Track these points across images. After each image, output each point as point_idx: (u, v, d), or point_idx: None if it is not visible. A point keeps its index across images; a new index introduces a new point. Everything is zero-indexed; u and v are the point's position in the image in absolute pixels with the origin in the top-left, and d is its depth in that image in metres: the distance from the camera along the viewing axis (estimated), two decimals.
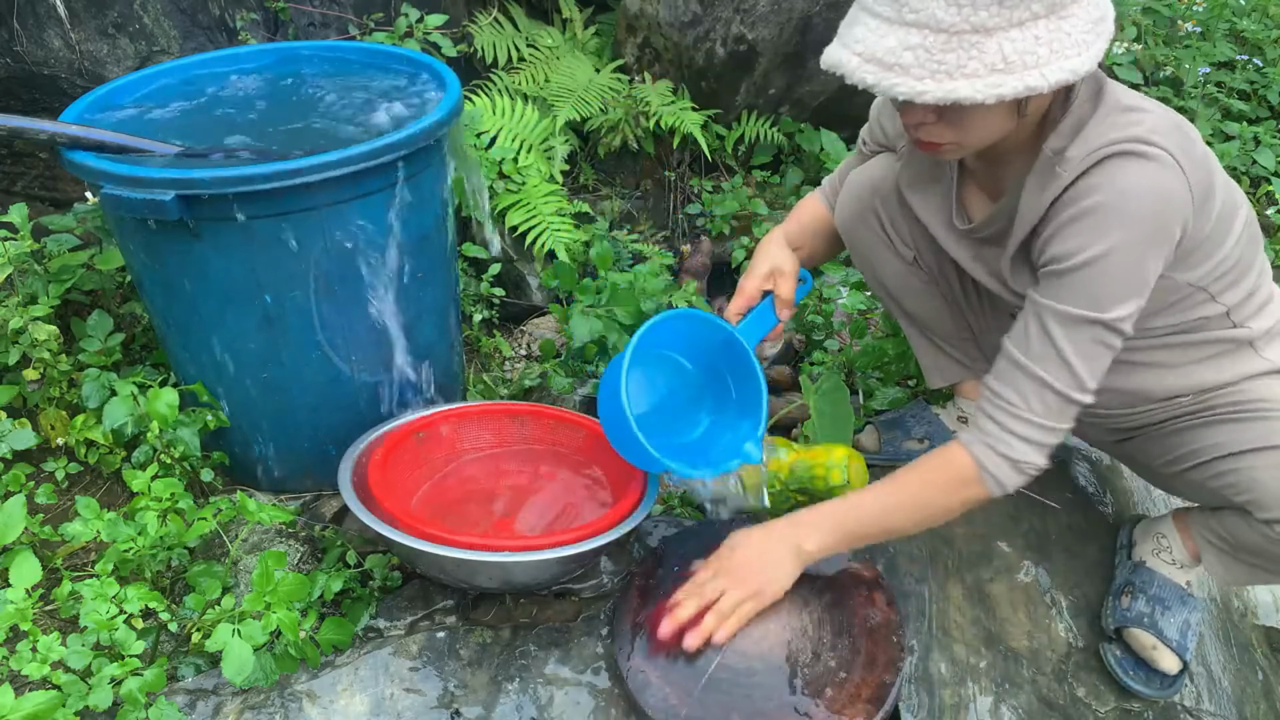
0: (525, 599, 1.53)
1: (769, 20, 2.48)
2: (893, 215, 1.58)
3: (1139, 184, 1.16)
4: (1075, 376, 1.23)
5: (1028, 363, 1.24)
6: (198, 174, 1.38)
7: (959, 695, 1.43)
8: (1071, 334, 1.21)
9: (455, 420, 1.68)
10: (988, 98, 1.07)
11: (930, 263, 1.60)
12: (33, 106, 2.16)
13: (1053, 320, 1.22)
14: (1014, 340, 1.27)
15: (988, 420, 1.28)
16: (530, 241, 2.31)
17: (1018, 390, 1.25)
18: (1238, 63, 3.26)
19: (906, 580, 1.59)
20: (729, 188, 2.64)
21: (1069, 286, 1.20)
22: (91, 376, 1.63)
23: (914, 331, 1.72)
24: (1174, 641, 1.46)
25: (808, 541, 1.36)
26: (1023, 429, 1.26)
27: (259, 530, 1.61)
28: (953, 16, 1.06)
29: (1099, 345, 1.22)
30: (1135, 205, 1.15)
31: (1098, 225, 1.17)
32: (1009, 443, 1.26)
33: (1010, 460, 1.27)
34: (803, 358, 2.16)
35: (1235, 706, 1.48)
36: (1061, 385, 1.23)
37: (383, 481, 1.49)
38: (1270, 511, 1.28)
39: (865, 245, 1.64)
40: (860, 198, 1.60)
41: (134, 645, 1.28)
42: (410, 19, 2.40)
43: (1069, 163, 1.20)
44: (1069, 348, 1.22)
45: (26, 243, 1.74)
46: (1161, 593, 1.50)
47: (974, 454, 1.29)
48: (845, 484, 1.59)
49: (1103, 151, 1.17)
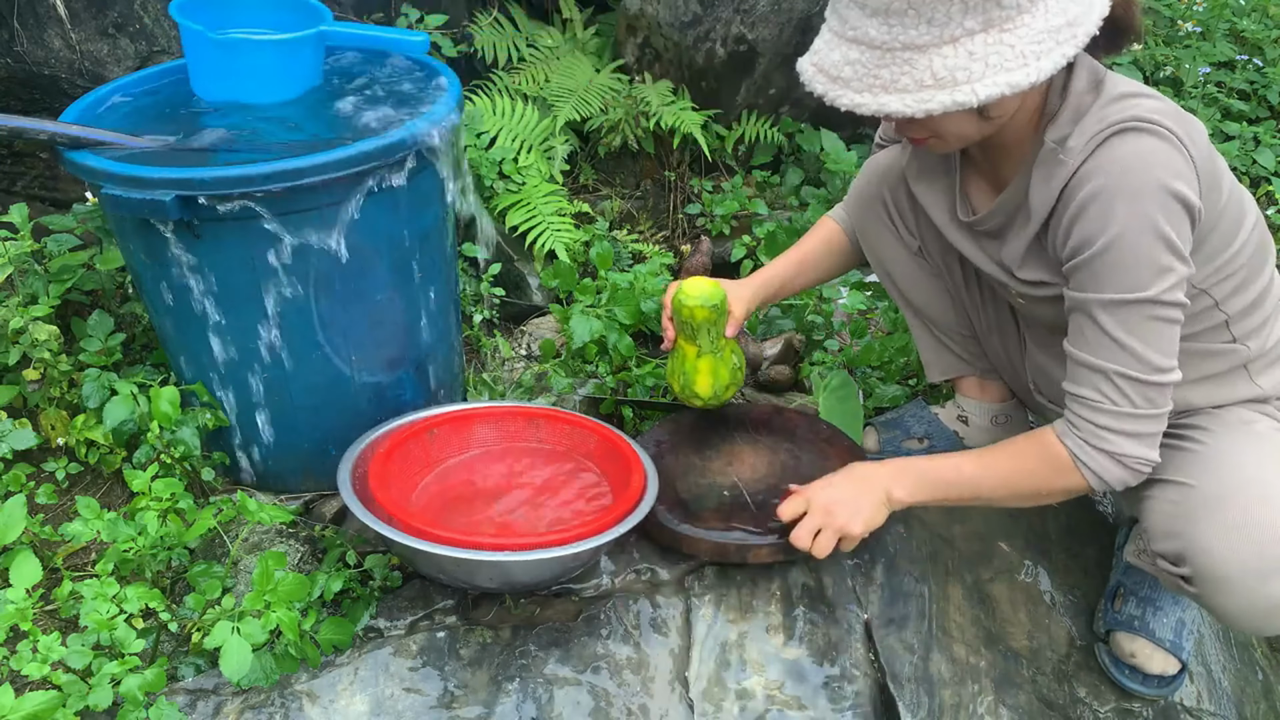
0: (525, 599, 1.53)
1: (769, 20, 2.48)
2: (899, 204, 1.60)
3: (1136, 155, 1.16)
4: (1140, 359, 1.20)
5: (1091, 359, 1.23)
6: (198, 174, 1.38)
7: (959, 695, 1.43)
8: (1122, 319, 1.20)
9: (454, 421, 1.68)
10: (916, 112, 1.11)
11: (934, 254, 1.61)
12: (33, 106, 2.16)
13: (1100, 311, 1.21)
14: (1072, 342, 1.26)
15: (1077, 417, 1.27)
16: (530, 241, 2.31)
17: (1094, 387, 1.24)
18: (1238, 63, 3.26)
19: (906, 580, 1.59)
20: (729, 188, 2.64)
21: (1100, 274, 1.19)
22: (91, 376, 1.63)
23: (917, 323, 1.73)
24: (1167, 642, 1.46)
25: (898, 490, 1.38)
26: (1113, 422, 1.24)
27: (259, 530, 1.61)
28: (884, 35, 1.10)
29: (1155, 322, 1.20)
30: (1135, 177, 1.15)
31: (1106, 206, 1.17)
32: (1104, 437, 1.25)
33: (1109, 454, 1.25)
34: (803, 358, 2.16)
35: (1235, 706, 1.48)
36: (1132, 371, 1.21)
37: (383, 482, 1.49)
38: (1154, 543, 1.30)
39: (873, 233, 1.65)
40: (870, 183, 1.63)
41: (134, 645, 1.28)
42: (410, 19, 2.40)
43: (1071, 151, 1.20)
44: (1124, 333, 1.20)
45: (26, 243, 1.74)
46: (1153, 593, 1.50)
47: (1067, 445, 1.27)
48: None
49: (1103, 134, 1.18)
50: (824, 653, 1.48)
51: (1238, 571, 1.21)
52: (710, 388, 1.67)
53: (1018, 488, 1.33)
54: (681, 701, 1.41)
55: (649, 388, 1.97)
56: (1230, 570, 1.21)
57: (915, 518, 1.70)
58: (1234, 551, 1.20)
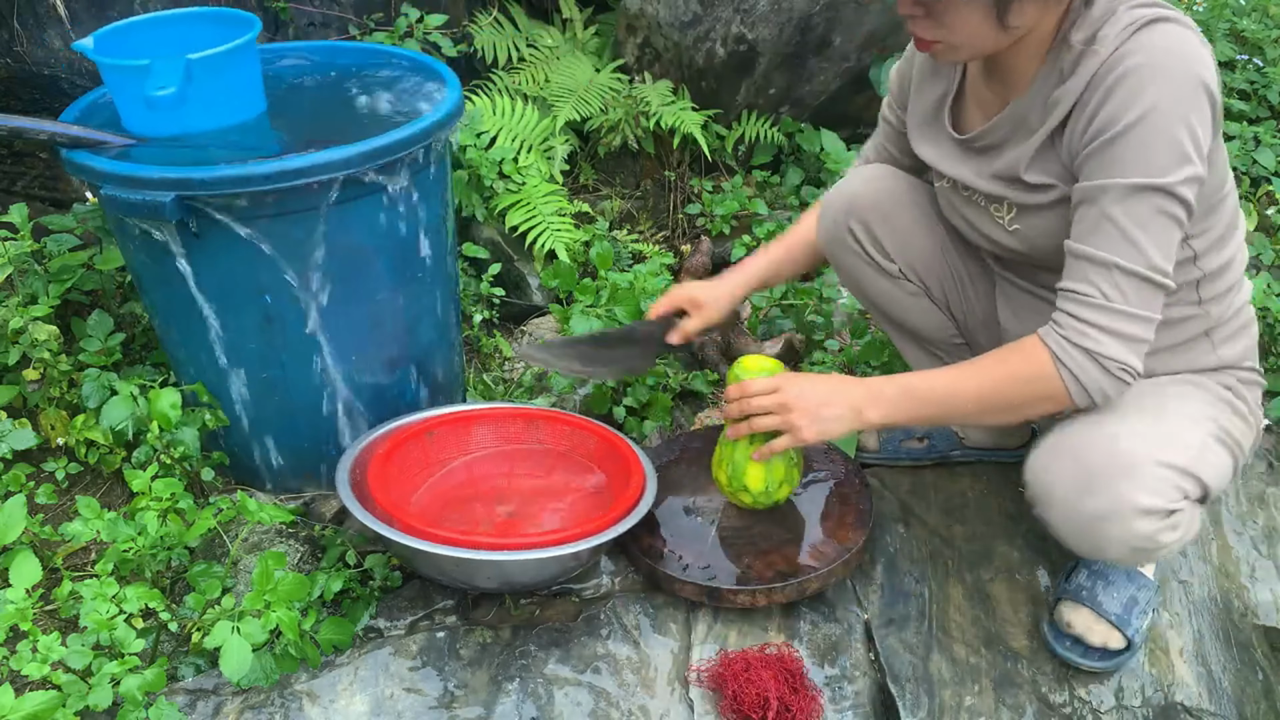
0: (525, 599, 1.53)
1: (769, 20, 2.47)
2: (872, 231, 1.58)
3: (1176, 40, 1.16)
4: (1143, 253, 1.17)
5: (1090, 250, 1.20)
6: (197, 174, 1.38)
7: (959, 695, 1.43)
8: (1130, 207, 1.17)
9: (454, 422, 1.68)
10: None
11: (916, 267, 1.60)
12: (33, 106, 2.16)
13: (1108, 199, 1.18)
14: (1074, 234, 1.22)
15: (1063, 314, 1.23)
16: (530, 241, 2.31)
17: (1088, 280, 1.20)
18: (1238, 63, 3.25)
19: (906, 580, 1.59)
20: (729, 188, 2.64)
21: (1118, 156, 1.17)
22: (91, 376, 1.63)
23: (907, 344, 1.71)
24: (1112, 615, 1.44)
25: (871, 410, 1.34)
26: (1102, 318, 1.19)
27: (259, 530, 1.61)
28: None
29: (1162, 215, 1.17)
30: (1172, 59, 1.15)
31: (1140, 83, 1.15)
32: (1088, 334, 1.20)
33: (1092, 355, 1.20)
34: (803, 358, 2.16)
35: (1235, 706, 1.48)
36: (1131, 264, 1.18)
37: (382, 482, 1.49)
38: (1034, 504, 1.31)
39: (847, 266, 1.64)
40: (836, 220, 1.61)
41: (134, 645, 1.28)
42: (410, 19, 2.40)
43: (1104, 39, 1.18)
44: (1129, 222, 1.17)
45: (26, 243, 1.74)
46: (1105, 568, 1.48)
47: (1048, 345, 1.23)
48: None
49: (1140, 23, 1.17)
50: (824, 653, 1.48)
51: (1059, 490, 1.26)
52: (762, 482, 1.50)
53: (992, 399, 1.28)
54: (681, 702, 1.41)
55: (649, 387, 1.97)
56: (1054, 489, 1.27)
57: (915, 518, 1.71)
58: (1058, 471, 1.26)
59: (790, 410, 1.36)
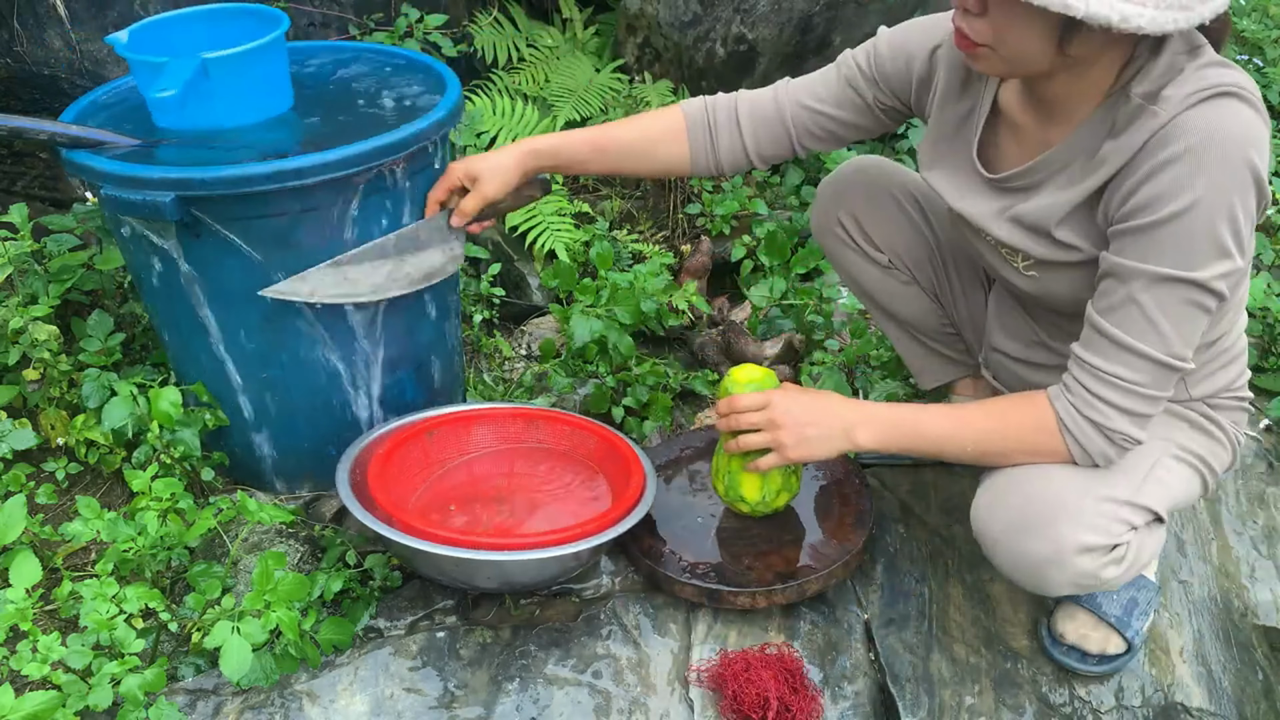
0: (525, 599, 1.53)
1: (769, 20, 2.47)
2: (860, 223, 1.58)
3: (1231, 125, 1.09)
4: (1166, 341, 1.15)
5: (1113, 330, 1.17)
6: (197, 174, 1.37)
7: (959, 695, 1.43)
8: (1160, 296, 1.14)
9: (454, 422, 1.68)
10: None
11: (906, 263, 1.60)
12: (33, 106, 2.16)
13: (1138, 283, 1.14)
14: (1098, 306, 1.19)
15: (1076, 383, 1.21)
16: (530, 241, 2.31)
17: (1106, 357, 1.18)
18: (1238, 63, 3.25)
19: (906, 580, 1.59)
20: (729, 188, 2.64)
21: (1156, 243, 1.12)
22: (91, 376, 1.63)
23: (900, 335, 1.71)
24: (1112, 617, 1.43)
25: (862, 433, 1.33)
26: (1114, 395, 1.19)
27: (259, 530, 1.61)
28: None
29: (1191, 306, 1.14)
30: (1228, 147, 1.09)
31: (1190, 172, 1.09)
32: (1100, 409, 1.20)
33: (1098, 427, 1.20)
34: (803, 358, 2.16)
35: (1235, 706, 1.48)
36: (1153, 350, 1.16)
37: (382, 482, 1.49)
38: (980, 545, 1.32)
39: (838, 254, 1.65)
40: (826, 210, 1.61)
41: (134, 645, 1.28)
42: (410, 19, 2.40)
43: (1167, 101, 1.12)
44: (1157, 311, 1.14)
45: (26, 243, 1.74)
46: None
47: (1056, 408, 1.22)
48: None
49: (1205, 93, 1.10)
50: (824, 653, 1.48)
51: (1000, 533, 1.27)
52: (759, 492, 1.51)
53: (990, 448, 1.28)
54: (682, 702, 1.41)
55: (649, 387, 1.97)
56: (995, 531, 1.28)
57: (915, 518, 1.71)
58: (999, 513, 1.27)
59: (777, 428, 1.35)
